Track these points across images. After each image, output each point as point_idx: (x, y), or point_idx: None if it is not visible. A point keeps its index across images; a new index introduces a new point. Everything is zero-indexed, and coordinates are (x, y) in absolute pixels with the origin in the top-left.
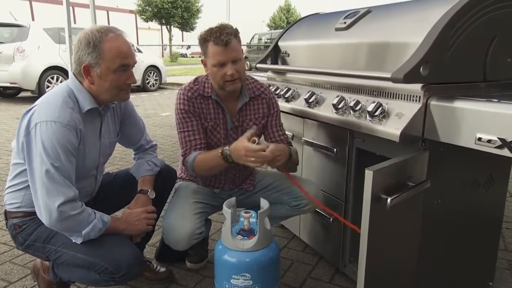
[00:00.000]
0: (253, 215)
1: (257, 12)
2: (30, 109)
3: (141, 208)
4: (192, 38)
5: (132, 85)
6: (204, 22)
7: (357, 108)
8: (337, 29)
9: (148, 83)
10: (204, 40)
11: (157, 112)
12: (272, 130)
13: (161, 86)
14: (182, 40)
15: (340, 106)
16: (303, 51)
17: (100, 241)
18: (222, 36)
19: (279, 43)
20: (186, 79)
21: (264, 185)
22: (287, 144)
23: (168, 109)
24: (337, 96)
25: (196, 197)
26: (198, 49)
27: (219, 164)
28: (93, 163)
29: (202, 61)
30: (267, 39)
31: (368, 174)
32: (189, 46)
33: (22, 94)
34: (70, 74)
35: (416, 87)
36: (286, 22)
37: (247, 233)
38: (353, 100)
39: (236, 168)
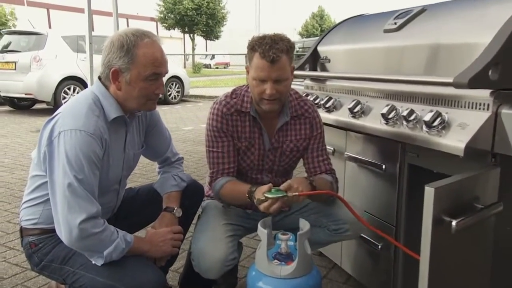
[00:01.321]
0: (291, 237)
1: (288, 19)
2: (53, 117)
3: (167, 228)
4: (217, 47)
5: None
6: (230, 30)
7: (411, 118)
8: (387, 31)
9: (170, 95)
10: (252, 48)
11: (179, 126)
12: (312, 154)
13: (183, 98)
14: (206, 50)
15: (390, 116)
16: (347, 55)
17: (122, 263)
18: (271, 52)
19: (319, 48)
20: (210, 92)
21: (301, 206)
22: (328, 172)
23: (191, 123)
24: (387, 105)
25: (227, 218)
26: (223, 59)
27: (246, 203)
28: (116, 176)
29: (246, 67)
30: (299, 47)
31: (429, 192)
32: (213, 56)
33: (37, 106)
34: (95, 79)
35: (484, 93)
36: (320, 29)
37: (285, 257)
38: (406, 109)
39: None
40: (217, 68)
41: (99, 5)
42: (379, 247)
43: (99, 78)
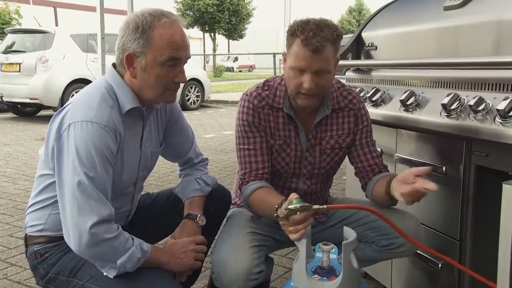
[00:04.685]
0: (334, 249)
1: (322, 15)
2: (63, 109)
3: (189, 238)
4: (240, 48)
5: None
6: (255, 29)
7: (480, 107)
8: (448, 8)
9: (188, 100)
10: (292, 33)
11: (199, 134)
12: (364, 151)
13: (203, 104)
14: (228, 51)
15: (453, 107)
16: (398, 40)
17: (137, 276)
18: (314, 40)
19: (363, 34)
20: (234, 97)
21: (343, 217)
22: (383, 168)
23: (212, 131)
24: (449, 94)
25: (254, 227)
26: (246, 61)
27: (274, 218)
28: (131, 177)
29: (283, 54)
30: None
31: (508, 191)
32: (236, 58)
33: (42, 112)
34: (110, 67)
35: None
36: (358, 26)
37: (327, 272)
38: (474, 97)
39: (306, 195)
40: (240, 71)
41: (112, 3)
42: (439, 266)
43: (113, 65)
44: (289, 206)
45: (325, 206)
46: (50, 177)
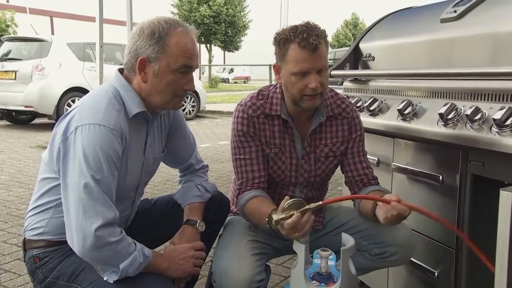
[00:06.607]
0: (332, 256)
1: None
2: (69, 113)
3: (188, 244)
4: (236, 59)
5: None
6: (250, 41)
7: (477, 117)
8: (444, 20)
9: (184, 110)
10: (285, 40)
11: None
12: (354, 160)
13: (199, 114)
14: (224, 62)
15: (450, 116)
16: (395, 51)
17: (138, 281)
18: (311, 39)
19: (361, 45)
20: (229, 107)
21: (337, 225)
22: (373, 180)
23: (208, 140)
24: (446, 104)
25: (253, 235)
26: (242, 72)
27: (266, 227)
28: (134, 182)
29: (274, 66)
30: (330, 59)
31: (505, 197)
32: (232, 70)
33: (37, 120)
34: (116, 72)
35: None
36: (353, 39)
37: (325, 278)
38: (470, 107)
39: None
40: (235, 82)
41: (109, 13)
42: (436, 274)
43: (120, 70)
44: (284, 205)
45: (320, 202)
46: (53, 180)
